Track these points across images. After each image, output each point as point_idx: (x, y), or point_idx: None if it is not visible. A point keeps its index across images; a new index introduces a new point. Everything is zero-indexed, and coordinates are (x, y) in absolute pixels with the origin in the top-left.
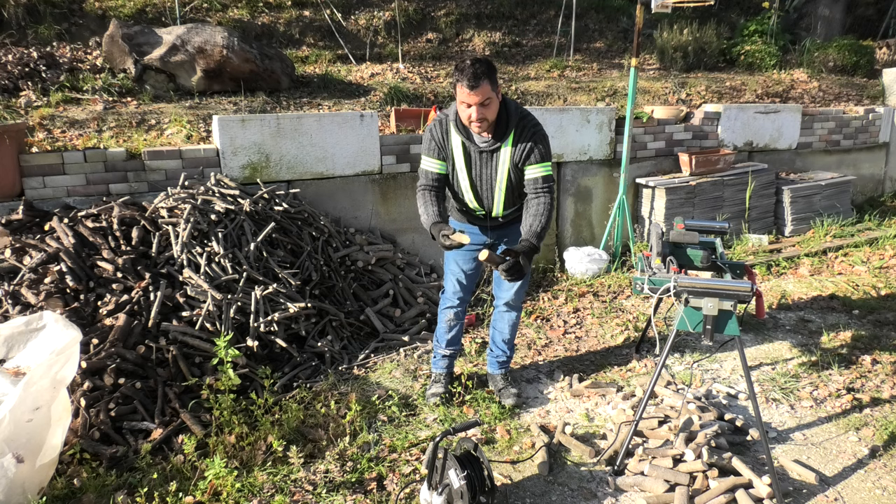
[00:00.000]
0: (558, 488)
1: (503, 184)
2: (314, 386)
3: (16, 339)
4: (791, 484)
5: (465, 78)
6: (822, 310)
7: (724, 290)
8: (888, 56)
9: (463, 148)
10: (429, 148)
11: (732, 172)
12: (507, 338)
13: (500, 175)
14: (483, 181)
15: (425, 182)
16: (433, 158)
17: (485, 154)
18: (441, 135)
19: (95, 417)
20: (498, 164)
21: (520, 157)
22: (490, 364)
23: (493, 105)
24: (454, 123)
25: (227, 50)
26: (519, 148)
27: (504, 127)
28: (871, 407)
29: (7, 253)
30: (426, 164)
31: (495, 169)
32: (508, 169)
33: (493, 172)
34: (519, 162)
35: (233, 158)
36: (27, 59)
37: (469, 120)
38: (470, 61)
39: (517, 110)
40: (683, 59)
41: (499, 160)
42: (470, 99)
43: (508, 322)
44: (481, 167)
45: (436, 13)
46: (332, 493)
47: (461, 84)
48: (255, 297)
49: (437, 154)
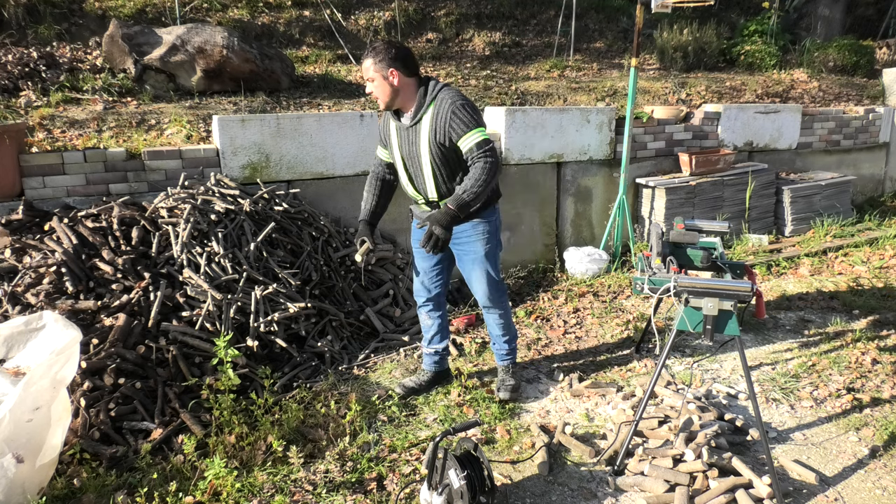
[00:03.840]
0: (558, 488)
1: (427, 161)
2: (314, 386)
3: (16, 339)
4: (791, 484)
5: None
6: (822, 310)
7: (724, 290)
8: (888, 56)
9: (396, 128)
10: (379, 135)
11: (732, 172)
12: (498, 334)
13: (424, 152)
14: (412, 160)
15: (373, 165)
16: (379, 145)
17: (410, 131)
18: (384, 122)
19: (95, 417)
20: (420, 141)
21: (439, 129)
22: (496, 357)
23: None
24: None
25: (227, 50)
26: (437, 120)
27: (422, 104)
28: (871, 407)
29: (7, 253)
30: (378, 151)
31: (419, 146)
32: (429, 144)
33: (417, 150)
34: (440, 136)
35: (233, 158)
36: (27, 59)
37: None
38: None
39: (437, 88)
40: (683, 59)
41: (420, 136)
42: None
43: (493, 322)
44: (409, 145)
45: (436, 13)
46: (332, 493)
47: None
48: (255, 297)
49: (381, 141)
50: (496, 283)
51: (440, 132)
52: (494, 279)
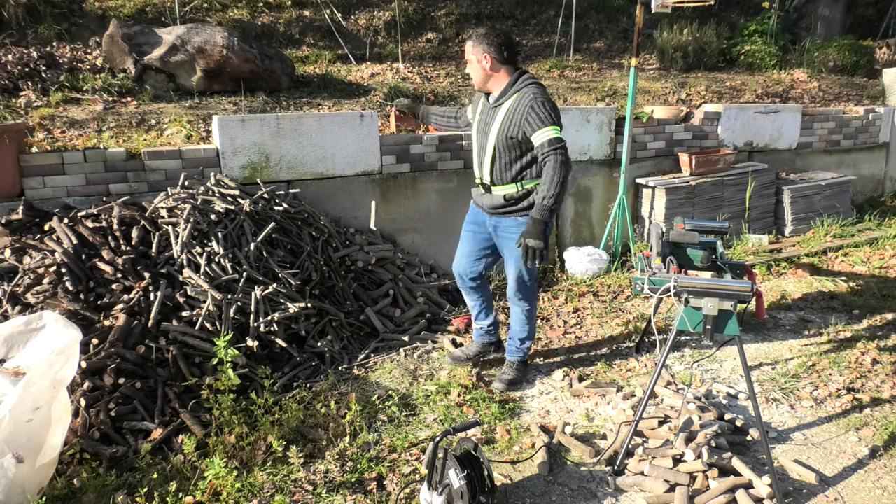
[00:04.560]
0: (558, 488)
1: (492, 144)
2: (314, 386)
3: (16, 339)
4: (791, 484)
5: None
6: (822, 310)
7: (724, 290)
8: (888, 56)
9: (481, 104)
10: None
11: (732, 172)
12: (517, 329)
13: (492, 134)
14: (481, 138)
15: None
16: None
17: (490, 109)
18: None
19: (95, 417)
20: (493, 123)
21: (513, 120)
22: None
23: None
24: None
25: (227, 50)
26: (514, 110)
27: (507, 89)
28: (871, 407)
29: (7, 253)
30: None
31: (491, 127)
32: (499, 130)
33: (488, 130)
34: (513, 126)
35: (233, 158)
36: (27, 59)
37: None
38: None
39: (525, 81)
40: (683, 59)
41: (496, 118)
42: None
43: (516, 316)
44: (485, 121)
45: (436, 13)
46: (332, 493)
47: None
48: (255, 297)
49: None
50: (530, 279)
51: (514, 123)
52: (528, 275)
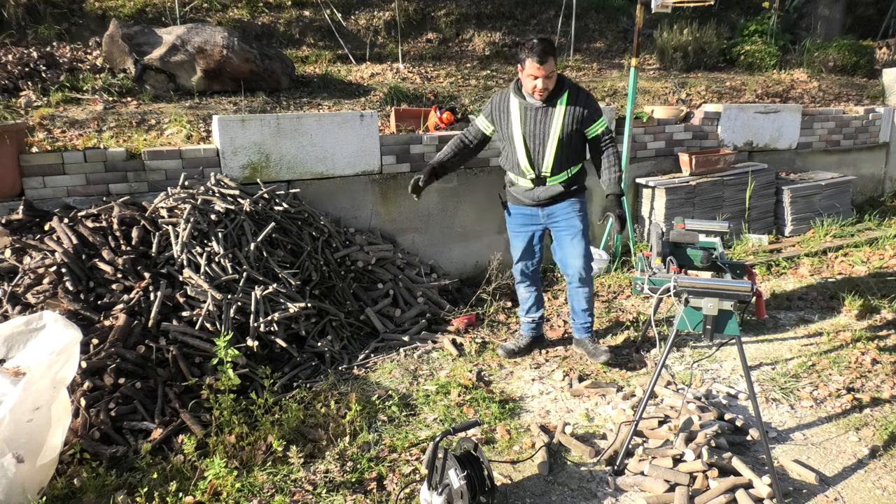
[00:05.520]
0: (558, 488)
1: (555, 139)
2: (314, 386)
3: (16, 339)
4: (791, 484)
5: (536, 55)
6: (822, 310)
7: (724, 290)
8: (888, 56)
9: (520, 106)
10: (486, 111)
11: (732, 172)
12: (584, 308)
13: (554, 130)
14: (536, 136)
15: (466, 132)
16: (485, 119)
17: (539, 111)
18: (500, 100)
19: (95, 417)
20: (552, 120)
21: (575, 115)
22: (577, 331)
23: (554, 76)
24: (514, 90)
25: (227, 50)
26: (574, 108)
27: (558, 90)
28: (871, 407)
29: (7, 253)
30: (476, 121)
31: (549, 125)
32: (562, 125)
33: (546, 129)
34: (573, 121)
35: (233, 158)
36: (27, 59)
37: (533, 90)
38: (538, 40)
39: (569, 80)
40: (683, 59)
41: (553, 116)
42: (538, 72)
43: (581, 296)
44: (535, 124)
45: (436, 13)
46: (332, 493)
47: (531, 60)
48: (255, 297)
49: (489, 117)
50: (590, 257)
51: (576, 118)
52: (589, 253)
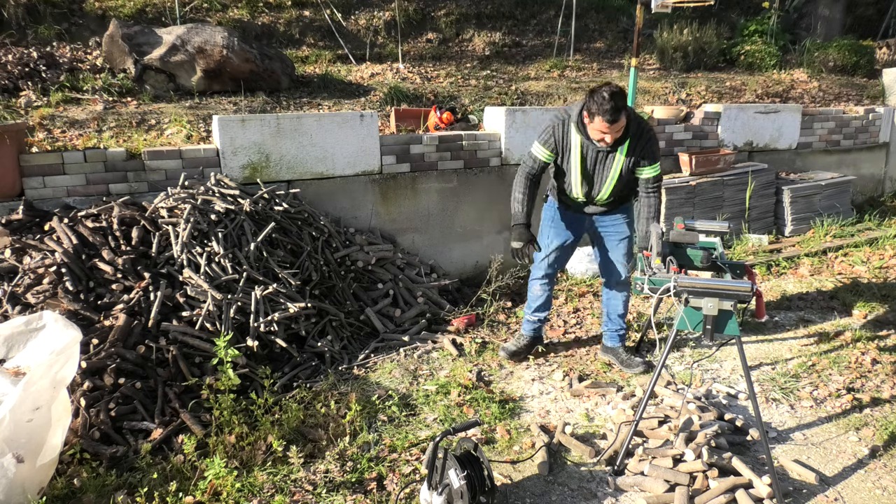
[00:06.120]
0: (558, 488)
1: (613, 180)
2: (314, 386)
3: (16, 339)
4: (791, 484)
5: (608, 115)
6: (822, 310)
7: (724, 290)
8: (888, 56)
9: (581, 146)
10: (546, 140)
11: (732, 172)
12: (622, 313)
13: (613, 173)
14: (595, 175)
15: (531, 166)
16: (546, 149)
17: (601, 154)
18: (562, 133)
19: (95, 417)
20: (612, 164)
21: (633, 161)
22: (610, 339)
23: (622, 128)
24: (576, 125)
25: (227, 50)
26: (633, 155)
27: (623, 135)
28: (871, 407)
29: (7, 253)
30: (537, 151)
31: (609, 167)
32: (621, 170)
33: (606, 171)
34: (631, 165)
35: (233, 158)
36: (27, 59)
37: (600, 140)
38: (608, 94)
39: (635, 119)
40: (683, 59)
41: (613, 161)
42: (608, 130)
43: (620, 301)
44: (596, 164)
45: (436, 13)
46: (332, 493)
47: (600, 118)
48: (255, 297)
49: (551, 147)
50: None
51: (635, 161)
52: (633, 259)
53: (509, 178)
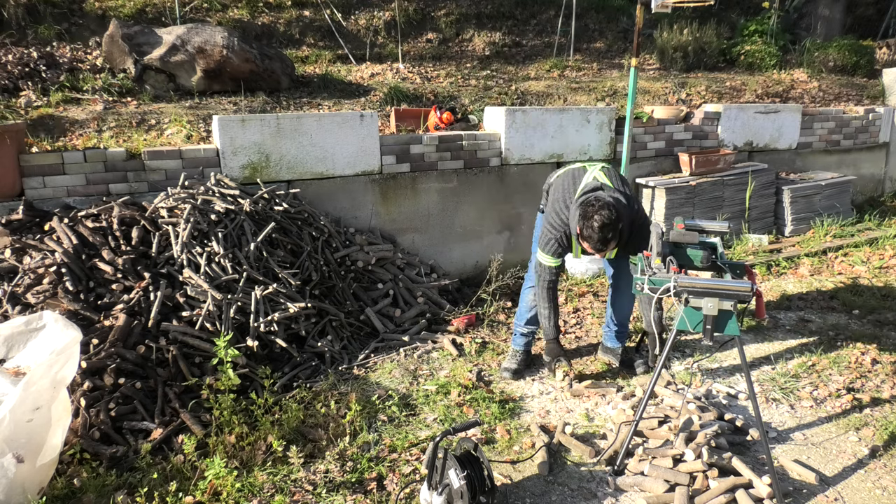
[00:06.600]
0: (558, 488)
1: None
2: (314, 386)
3: (16, 339)
4: (791, 484)
5: (596, 243)
6: (822, 310)
7: (724, 290)
8: (888, 56)
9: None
10: (553, 250)
11: (732, 172)
12: (627, 313)
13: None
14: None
15: (549, 278)
16: (556, 258)
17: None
18: (566, 240)
19: (95, 417)
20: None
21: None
22: (610, 339)
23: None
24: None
25: (227, 50)
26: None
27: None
28: (871, 407)
29: (7, 253)
30: (548, 262)
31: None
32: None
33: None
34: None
35: (233, 158)
36: (27, 59)
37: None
38: (598, 226)
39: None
40: (683, 59)
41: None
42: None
43: (629, 305)
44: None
45: (436, 13)
46: (332, 493)
47: (589, 246)
48: (255, 297)
49: (560, 254)
50: None
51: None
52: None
53: (509, 178)
